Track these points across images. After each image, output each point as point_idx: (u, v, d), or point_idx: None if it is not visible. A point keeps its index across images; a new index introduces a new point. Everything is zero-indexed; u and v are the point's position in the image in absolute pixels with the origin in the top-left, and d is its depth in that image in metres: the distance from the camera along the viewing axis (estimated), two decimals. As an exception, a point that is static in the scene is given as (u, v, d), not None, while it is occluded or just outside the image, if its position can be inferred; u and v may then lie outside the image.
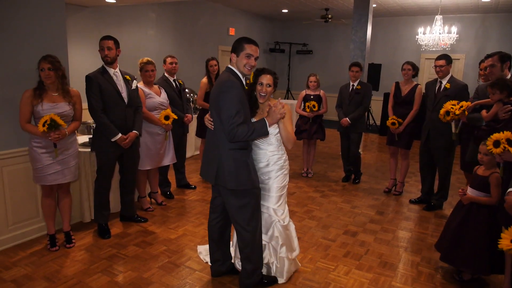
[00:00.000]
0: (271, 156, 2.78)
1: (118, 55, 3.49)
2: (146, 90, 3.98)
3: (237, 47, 2.56)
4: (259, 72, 2.74)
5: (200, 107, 5.07)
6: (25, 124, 3.08)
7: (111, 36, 3.46)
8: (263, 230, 2.82)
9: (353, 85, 5.28)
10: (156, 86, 4.16)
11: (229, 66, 2.62)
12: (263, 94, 2.72)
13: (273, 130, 2.71)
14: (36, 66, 3.09)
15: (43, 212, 3.37)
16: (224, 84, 2.48)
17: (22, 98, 3.07)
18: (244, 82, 2.63)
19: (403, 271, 3.17)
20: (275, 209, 2.80)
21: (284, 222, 2.83)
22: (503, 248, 2.33)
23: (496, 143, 2.68)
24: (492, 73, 3.46)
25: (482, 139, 2.95)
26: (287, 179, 2.88)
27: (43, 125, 2.97)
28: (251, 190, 2.63)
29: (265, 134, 2.52)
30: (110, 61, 3.44)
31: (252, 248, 2.70)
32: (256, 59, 2.57)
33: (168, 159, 4.29)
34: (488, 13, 9.26)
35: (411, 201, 4.77)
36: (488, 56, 3.55)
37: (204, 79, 5.01)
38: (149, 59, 4.01)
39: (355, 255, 3.41)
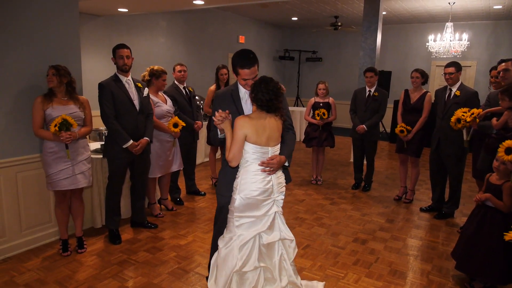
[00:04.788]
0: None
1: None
2: (154, 98, 4.02)
3: (233, 68, 2.49)
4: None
5: (209, 114, 5.12)
6: (38, 130, 3.15)
7: (126, 44, 3.53)
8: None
9: (370, 91, 5.21)
10: (161, 94, 4.20)
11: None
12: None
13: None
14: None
15: (56, 218, 3.42)
16: None
17: (34, 104, 3.14)
18: (245, 95, 2.57)
19: (413, 279, 3.14)
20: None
21: (220, 252, 2.44)
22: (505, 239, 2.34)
23: (508, 150, 2.66)
24: (506, 78, 3.42)
25: (493, 147, 2.92)
26: (237, 202, 2.35)
27: (55, 126, 3.04)
28: (218, 195, 2.68)
29: (219, 138, 2.49)
30: (128, 69, 3.51)
31: None
32: (254, 78, 2.44)
33: (176, 165, 4.33)
34: (499, 20, 9.19)
35: (421, 209, 4.72)
36: (502, 61, 3.52)
37: (212, 87, 5.06)
38: (163, 68, 4.08)
39: (364, 263, 3.39)
